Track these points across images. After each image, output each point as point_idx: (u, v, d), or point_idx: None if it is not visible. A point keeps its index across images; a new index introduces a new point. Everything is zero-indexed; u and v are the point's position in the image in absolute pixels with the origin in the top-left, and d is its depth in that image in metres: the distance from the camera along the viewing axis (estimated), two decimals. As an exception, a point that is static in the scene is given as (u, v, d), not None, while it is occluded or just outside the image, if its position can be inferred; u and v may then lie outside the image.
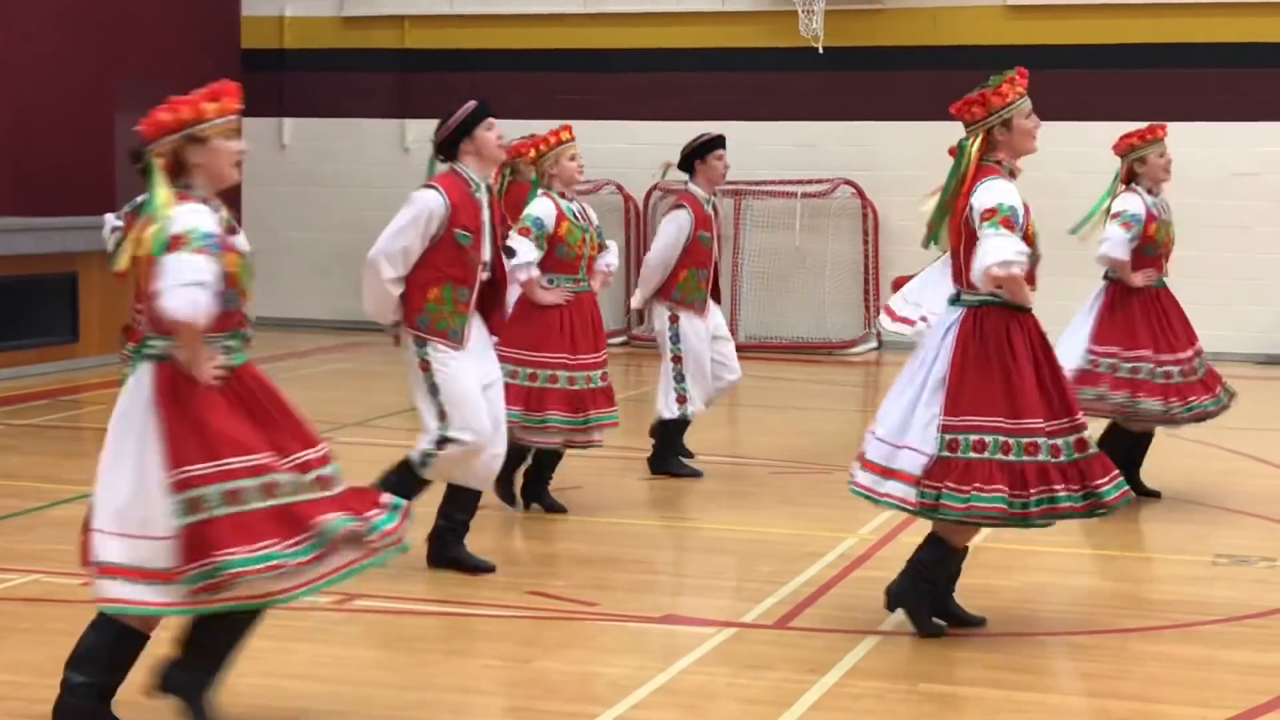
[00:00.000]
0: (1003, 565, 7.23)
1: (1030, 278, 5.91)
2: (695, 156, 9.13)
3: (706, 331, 9.00)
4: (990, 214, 5.74)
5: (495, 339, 7.02)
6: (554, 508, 7.99)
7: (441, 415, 6.68)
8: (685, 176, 9.06)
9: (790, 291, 16.56)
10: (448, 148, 6.76)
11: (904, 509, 5.96)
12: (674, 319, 8.86)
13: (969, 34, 16.69)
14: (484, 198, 6.79)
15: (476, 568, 6.81)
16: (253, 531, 4.42)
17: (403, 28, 18.25)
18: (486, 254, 6.78)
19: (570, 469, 8.59)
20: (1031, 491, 5.71)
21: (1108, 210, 8.11)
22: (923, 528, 8.02)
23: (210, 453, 4.42)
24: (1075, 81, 15.76)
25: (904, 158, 15.99)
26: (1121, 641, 5.96)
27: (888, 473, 5.92)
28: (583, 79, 17.99)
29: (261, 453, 4.47)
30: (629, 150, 16.88)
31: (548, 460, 8.20)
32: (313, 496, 4.54)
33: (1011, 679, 5.52)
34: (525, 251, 7.76)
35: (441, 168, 6.77)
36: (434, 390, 6.72)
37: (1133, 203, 8.12)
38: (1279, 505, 7.76)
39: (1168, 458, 9.08)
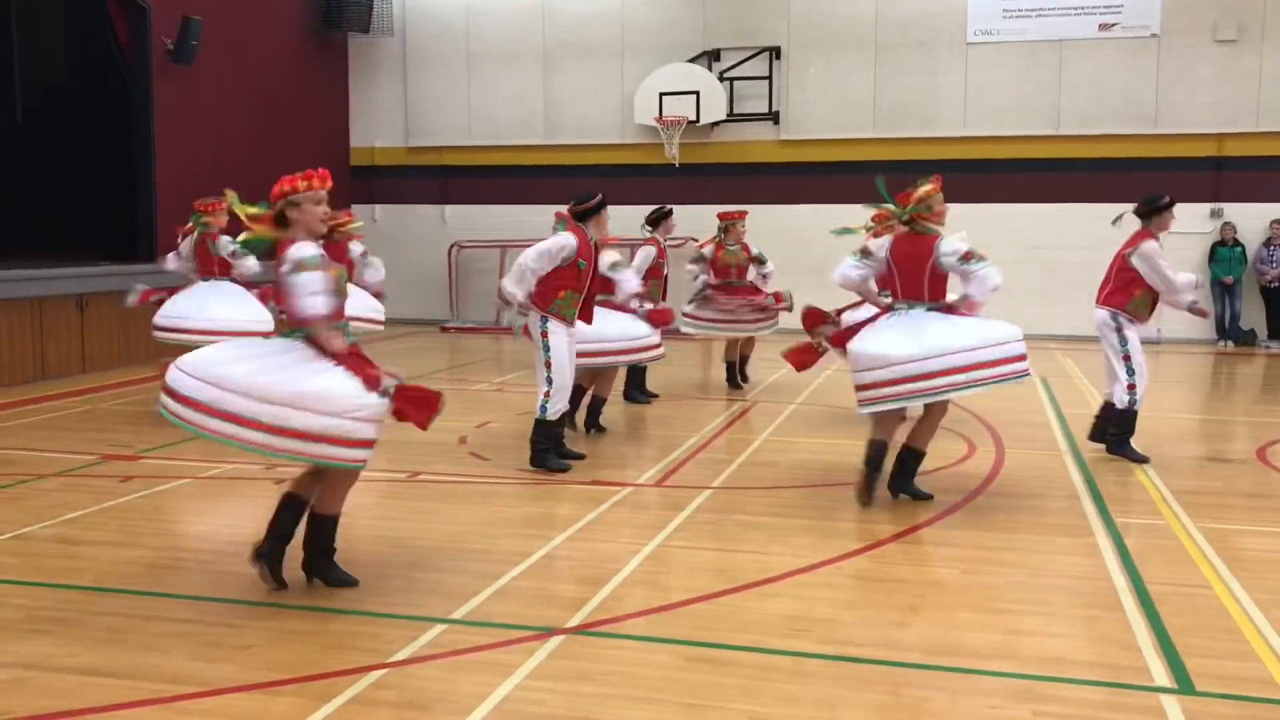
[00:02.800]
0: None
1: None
2: (658, 221, 11.37)
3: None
4: None
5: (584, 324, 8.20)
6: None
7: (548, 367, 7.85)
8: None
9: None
10: (579, 216, 8.16)
11: None
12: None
13: (757, 155, 20.06)
14: (593, 245, 8.11)
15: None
16: None
17: (441, 153, 21.60)
18: (589, 277, 8.02)
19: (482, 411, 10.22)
20: None
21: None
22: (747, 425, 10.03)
23: None
24: (834, 185, 19.11)
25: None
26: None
27: None
28: (545, 184, 20.17)
29: None
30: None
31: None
32: None
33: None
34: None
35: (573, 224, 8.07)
36: (546, 349, 7.96)
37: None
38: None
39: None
